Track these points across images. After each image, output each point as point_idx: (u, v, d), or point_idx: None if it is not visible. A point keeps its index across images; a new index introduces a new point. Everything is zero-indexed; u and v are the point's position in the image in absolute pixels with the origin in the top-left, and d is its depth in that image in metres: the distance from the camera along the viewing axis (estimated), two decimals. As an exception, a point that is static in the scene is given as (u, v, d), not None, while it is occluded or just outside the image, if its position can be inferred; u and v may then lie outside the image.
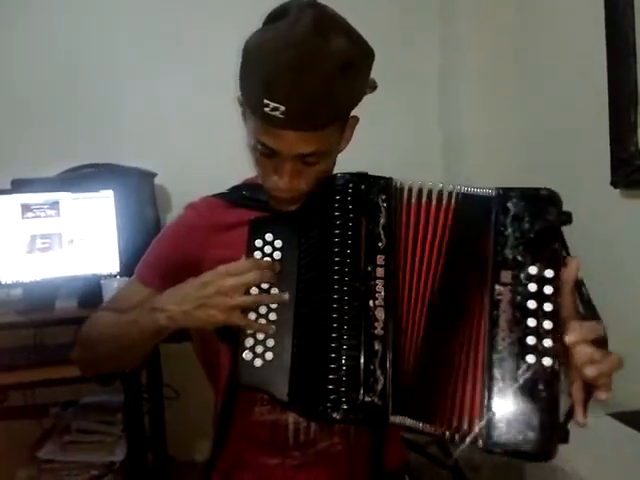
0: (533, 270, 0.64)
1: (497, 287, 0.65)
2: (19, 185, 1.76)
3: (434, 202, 0.71)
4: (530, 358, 0.62)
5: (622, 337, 1.47)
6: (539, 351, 0.62)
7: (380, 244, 0.70)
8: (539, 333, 0.63)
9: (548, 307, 0.63)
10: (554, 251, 0.65)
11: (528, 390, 0.62)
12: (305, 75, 0.69)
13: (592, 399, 0.64)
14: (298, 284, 0.74)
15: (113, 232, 1.76)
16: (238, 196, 0.89)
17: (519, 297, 0.64)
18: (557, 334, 0.63)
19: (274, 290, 0.74)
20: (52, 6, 1.99)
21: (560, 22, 1.71)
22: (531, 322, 0.63)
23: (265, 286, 0.74)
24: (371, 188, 0.72)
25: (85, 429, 1.68)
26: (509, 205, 0.67)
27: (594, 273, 1.58)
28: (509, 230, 0.66)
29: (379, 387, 0.65)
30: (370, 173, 0.73)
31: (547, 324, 0.63)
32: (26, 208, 1.70)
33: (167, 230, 0.94)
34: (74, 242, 1.74)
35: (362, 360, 0.66)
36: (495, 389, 0.63)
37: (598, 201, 1.55)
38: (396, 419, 0.66)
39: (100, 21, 2.02)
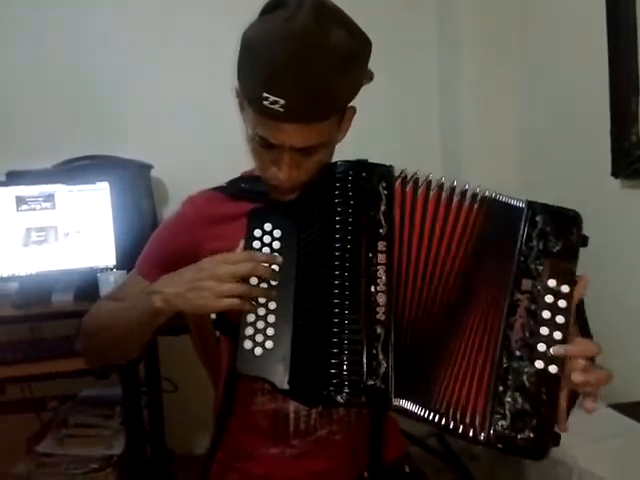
0: (552, 283, 0.68)
1: (516, 293, 0.69)
2: (14, 177, 1.74)
3: (455, 199, 0.73)
4: (539, 363, 0.66)
5: (622, 327, 1.48)
6: (547, 358, 0.66)
7: (381, 230, 0.70)
8: (549, 342, 0.67)
9: (560, 319, 0.67)
10: (571, 269, 0.69)
11: (533, 393, 0.65)
12: (306, 69, 0.68)
13: (577, 407, 0.68)
14: (297, 272, 0.74)
15: (109, 225, 1.74)
16: (237, 189, 0.89)
17: (535, 306, 0.68)
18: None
19: (272, 284, 0.74)
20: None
21: (562, 10, 1.69)
22: (544, 330, 0.67)
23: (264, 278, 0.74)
24: (371, 175, 0.72)
25: (83, 423, 1.67)
26: (537, 219, 0.71)
27: (595, 264, 1.58)
28: (534, 242, 0.70)
29: (382, 371, 0.66)
30: (370, 160, 0.73)
31: (557, 335, 0.67)
32: (21, 200, 1.68)
33: (166, 224, 0.94)
34: (70, 235, 1.72)
35: (365, 344, 0.66)
36: (501, 388, 0.66)
37: (599, 191, 1.54)
38: (399, 403, 0.67)
39: (95, 14, 1.99)
